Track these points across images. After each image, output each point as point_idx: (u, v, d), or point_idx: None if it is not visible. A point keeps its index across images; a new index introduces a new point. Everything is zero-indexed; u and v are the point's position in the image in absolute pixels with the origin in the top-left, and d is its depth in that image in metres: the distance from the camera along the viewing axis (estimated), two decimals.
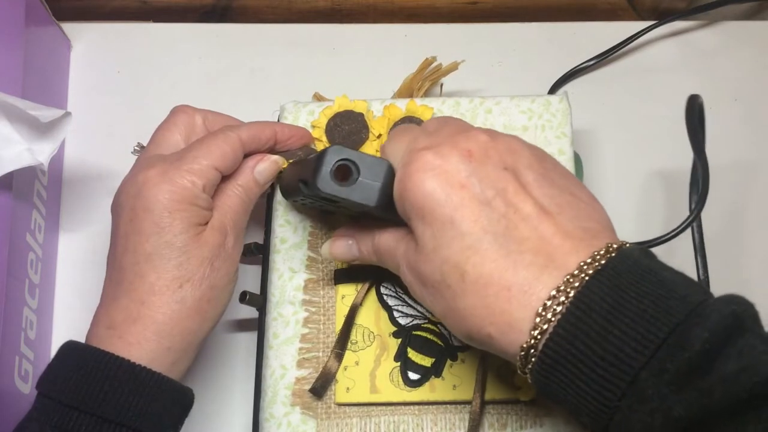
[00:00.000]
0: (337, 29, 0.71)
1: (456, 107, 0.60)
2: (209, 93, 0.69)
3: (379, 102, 0.60)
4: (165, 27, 0.72)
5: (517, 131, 0.59)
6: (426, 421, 0.54)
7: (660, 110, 0.69)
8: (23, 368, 0.57)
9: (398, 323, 0.56)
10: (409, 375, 0.54)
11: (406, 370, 0.55)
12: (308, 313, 0.56)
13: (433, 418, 0.54)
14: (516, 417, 0.54)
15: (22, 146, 0.55)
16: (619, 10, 0.75)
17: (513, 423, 0.54)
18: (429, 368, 0.55)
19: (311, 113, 0.60)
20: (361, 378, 0.54)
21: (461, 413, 0.54)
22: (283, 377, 0.55)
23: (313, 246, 0.57)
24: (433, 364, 0.55)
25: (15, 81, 0.58)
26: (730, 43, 0.71)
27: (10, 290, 0.55)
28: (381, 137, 0.59)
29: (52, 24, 0.66)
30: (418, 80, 0.63)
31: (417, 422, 0.54)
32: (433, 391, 0.54)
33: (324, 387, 0.54)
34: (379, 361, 0.55)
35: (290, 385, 0.54)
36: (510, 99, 0.60)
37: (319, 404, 0.54)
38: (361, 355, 0.55)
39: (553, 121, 0.60)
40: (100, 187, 0.66)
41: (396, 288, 0.56)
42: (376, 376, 0.54)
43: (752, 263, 0.66)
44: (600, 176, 0.67)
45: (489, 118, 0.59)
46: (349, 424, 0.54)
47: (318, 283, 0.56)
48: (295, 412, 0.54)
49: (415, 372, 0.54)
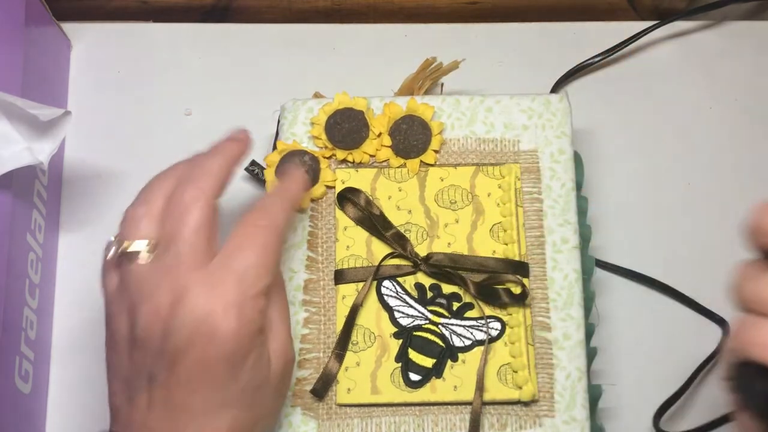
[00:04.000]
0: (337, 29, 0.71)
1: (456, 105, 0.60)
2: (209, 93, 0.68)
3: (379, 99, 0.60)
4: (165, 27, 0.71)
5: (517, 130, 0.59)
6: (427, 422, 0.54)
7: (661, 110, 0.69)
8: (23, 368, 0.57)
9: (399, 324, 0.55)
10: (410, 376, 0.54)
11: (407, 370, 0.54)
12: (308, 313, 0.56)
13: (434, 419, 0.54)
14: (516, 417, 0.54)
15: (21, 145, 0.55)
16: (619, 10, 0.75)
17: (513, 423, 0.54)
18: (430, 369, 0.54)
19: (310, 110, 0.59)
20: (362, 379, 0.54)
21: (462, 414, 0.54)
22: None
23: (313, 246, 0.57)
24: (434, 364, 0.54)
25: (15, 81, 0.58)
26: (732, 43, 0.71)
27: (10, 290, 0.55)
28: (381, 136, 0.58)
29: (52, 24, 0.66)
30: (419, 80, 0.63)
31: (418, 423, 0.54)
32: (434, 392, 0.54)
33: (325, 388, 0.54)
34: (380, 362, 0.55)
35: (291, 386, 0.54)
36: (510, 98, 0.60)
37: (320, 405, 0.54)
38: (362, 356, 0.55)
39: (553, 120, 0.59)
40: (100, 187, 0.66)
41: (396, 288, 0.56)
42: (377, 377, 0.54)
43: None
44: (600, 176, 0.67)
45: (489, 117, 0.59)
46: (350, 425, 0.54)
47: (318, 284, 0.56)
48: (295, 412, 0.54)
49: (416, 373, 0.54)
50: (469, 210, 0.57)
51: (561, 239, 0.57)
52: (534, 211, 0.58)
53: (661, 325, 0.64)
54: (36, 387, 0.59)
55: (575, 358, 0.55)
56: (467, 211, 0.57)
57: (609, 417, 0.61)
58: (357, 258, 0.56)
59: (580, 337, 0.55)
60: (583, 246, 0.58)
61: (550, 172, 0.58)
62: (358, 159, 0.58)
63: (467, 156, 0.59)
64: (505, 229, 0.57)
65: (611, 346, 0.62)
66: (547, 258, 0.57)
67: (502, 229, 0.57)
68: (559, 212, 0.58)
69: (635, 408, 0.61)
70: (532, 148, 0.59)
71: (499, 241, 0.57)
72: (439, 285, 0.56)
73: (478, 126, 0.59)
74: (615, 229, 0.65)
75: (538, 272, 0.56)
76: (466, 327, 0.55)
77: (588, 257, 0.59)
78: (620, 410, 0.61)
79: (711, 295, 0.63)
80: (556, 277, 0.56)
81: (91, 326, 0.62)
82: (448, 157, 0.59)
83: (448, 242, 0.57)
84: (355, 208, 0.57)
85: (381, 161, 0.58)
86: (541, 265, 0.57)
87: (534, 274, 0.56)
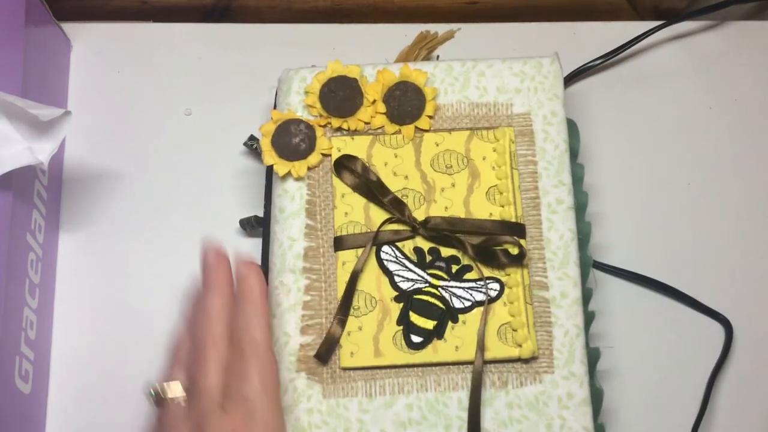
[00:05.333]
0: (337, 29, 0.71)
1: (449, 71, 0.60)
2: (209, 93, 0.69)
3: (372, 67, 0.60)
4: (165, 27, 0.71)
5: (510, 93, 0.60)
6: (429, 382, 0.55)
7: (661, 110, 0.69)
8: (23, 368, 0.57)
9: (399, 288, 0.56)
10: (412, 338, 0.55)
11: (409, 333, 0.55)
12: (309, 280, 0.56)
13: (436, 379, 0.55)
14: (516, 375, 0.55)
15: (21, 145, 0.55)
16: (619, 10, 0.75)
17: (513, 381, 0.55)
18: (431, 331, 0.55)
19: (303, 80, 0.60)
20: (365, 342, 0.55)
21: (463, 373, 0.55)
22: (287, 344, 0.55)
23: (311, 214, 0.58)
24: (435, 326, 0.55)
25: (15, 81, 0.58)
26: (732, 44, 0.71)
27: (10, 290, 0.55)
28: (375, 103, 0.59)
29: (52, 24, 0.66)
30: (414, 51, 0.63)
31: (421, 383, 0.55)
32: (436, 353, 0.55)
33: (328, 352, 0.55)
34: (381, 326, 0.55)
35: (295, 352, 0.55)
36: (502, 62, 0.61)
37: (324, 369, 0.55)
38: (364, 320, 0.55)
39: (545, 83, 0.60)
40: (100, 187, 0.66)
41: (396, 253, 0.57)
42: (380, 340, 0.55)
43: (752, 262, 0.66)
44: (601, 176, 0.67)
45: (482, 81, 0.60)
46: (354, 388, 0.55)
47: (318, 251, 0.57)
48: (300, 377, 0.55)
49: (418, 335, 0.55)
50: (465, 174, 0.58)
51: (556, 200, 0.58)
52: (529, 173, 0.58)
53: (662, 324, 0.64)
54: (36, 387, 0.59)
55: (573, 315, 0.56)
56: (463, 175, 0.58)
57: (607, 378, 0.62)
58: (356, 224, 0.57)
59: (576, 295, 0.56)
60: (579, 212, 0.59)
61: (543, 135, 0.59)
62: (353, 127, 0.59)
63: (461, 121, 0.59)
64: (501, 192, 0.58)
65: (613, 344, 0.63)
66: (543, 219, 0.57)
67: (498, 192, 0.58)
68: (554, 174, 0.58)
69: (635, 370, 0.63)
70: (525, 111, 0.59)
71: (495, 203, 0.58)
72: (437, 248, 0.57)
73: (471, 91, 0.60)
74: (615, 229, 0.66)
75: (534, 233, 0.57)
76: (466, 289, 0.56)
77: (585, 223, 0.60)
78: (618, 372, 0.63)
79: (712, 294, 0.64)
80: (552, 238, 0.57)
81: (91, 326, 0.63)
82: (443, 123, 0.59)
83: (445, 206, 0.58)
84: (352, 176, 0.58)
85: (376, 128, 0.59)
86: (536, 226, 0.57)
87: (530, 235, 0.57)
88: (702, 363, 0.63)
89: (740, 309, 0.64)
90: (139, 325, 0.63)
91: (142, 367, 0.62)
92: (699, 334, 0.64)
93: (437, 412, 0.54)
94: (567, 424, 0.54)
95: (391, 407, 0.54)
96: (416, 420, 0.54)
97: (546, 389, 0.54)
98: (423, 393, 0.54)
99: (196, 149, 0.67)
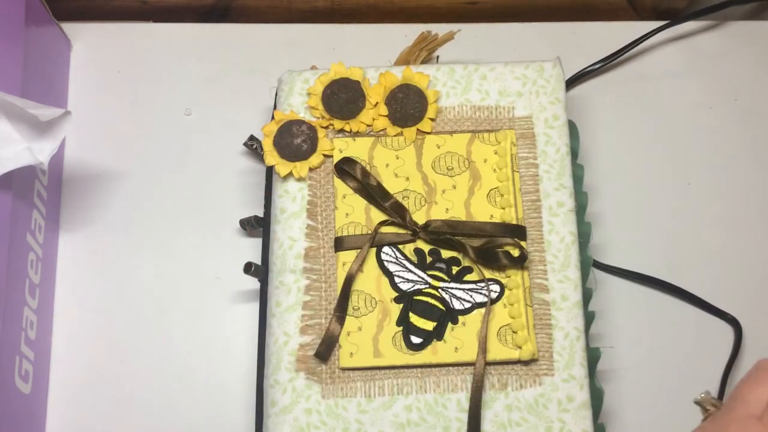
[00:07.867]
0: (337, 29, 0.71)
1: (451, 74, 0.60)
2: (209, 93, 0.69)
3: (374, 69, 0.60)
4: (165, 27, 0.71)
5: (511, 97, 0.60)
6: (429, 383, 0.55)
7: (662, 110, 0.69)
8: (23, 368, 0.57)
9: (399, 289, 0.56)
10: (412, 339, 0.55)
11: (409, 334, 0.55)
12: (309, 280, 0.57)
13: (435, 380, 0.55)
14: (516, 376, 0.55)
15: (21, 145, 0.55)
16: (620, 10, 0.75)
17: (513, 383, 0.55)
18: (431, 332, 0.55)
19: (306, 81, 0.60)
20: (365, 343, 0.55)
21: (463, 374, 0.55)
22: (287, 344, 0.55)
23: (312, 214, 0.58)
24: (434, 327, 0.55)
25: (15, 81, 0.58)
26: (732, 44, 0.71)
27: (10, 290, 0.55)
28: (378, 105, 0.59)
29: (52, 24, 0.66)
30: (414, 52, 0.63)
31: (420, 384, 0.55)
32: (435, 354, 0.55)
33: (328, 350, 0.55)
34: (381, 326, 0.55)
35: (294, 352, 0.55)
36: (504, 65, 0.61)
37: (323, 369, 0.55)
38: (364, 321, 0.56)
39: (546, 86, 0.60)
40: (100, 187, 0.66)
41: (396, 254, 0.57)
42: (379, 341, 0.55)
43: (753, 261, 0.66)
44: (601, 177, 0.67)
45: (484, 84, 0.60)
46: (354, 388, 0.55)
47: (318, 251, 0.57)
48: (299, 377, 0.55)
49: (418, 336, 0.55)
50: (466, 176, 0.58)
51: (557, 203, 0.58)
52: (530, 176, 0.59)
53: (667, 324, 0.64)
54: (36, 387, 0.59)
55: (573, 318, 0.56)
56: (464, 177, 0.58)
57: (608, 379, 0.62)
58: (356, 225, 0.57)
59: (577, 297, 0.56)
60: (579, 212, 0.59)
61: (545, 138, 0.59)
62: (355, 128, 0.59)
63: (463, 123, 0.59)
64: (502, 194, 0.58)
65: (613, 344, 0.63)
66: (544, 221, 0.58)
67: (499, 194, 0.58)
68: (555, 177, 0.58)
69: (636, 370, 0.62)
70: (527, 115, 0.60)
71: (496, 205, 0.58)
72: (438, 250, 0.57)
73: (473, 94, 0.60)
74: (615, 229, 0.66)
75: (535, 235, 0.57)
76: (466, 290, 0.56)
77: (585, 223, 0.60)
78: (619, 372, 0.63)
79: (717, 293, 0.64)
80: (553, 240, 0.57)
81: (91, 326, 0.63)
82: (444, 125, 0.59)
83: (446, 208, 0.58)
84: (353, 179, 0.58)
85: (378, 130, 0.59)
86: (537, 229, 0.57)
87: (531, 238, 0.57)
88: (708, 362, 0.63)
89: (748, 308, 0.64)
90: (139, 325, 0.63)
91: (142, 367, 0.62)
92: (705, 334, 0.64)
93: (436, 413, 0.54)
94: (566, 427, 0.54)
95: (390, 408, 0.54)
96: (415, 421, 0.54)
97: (546, 392, 0.55)
98: (422, 394, 0.55)
99: (196, 149, 0.67)
